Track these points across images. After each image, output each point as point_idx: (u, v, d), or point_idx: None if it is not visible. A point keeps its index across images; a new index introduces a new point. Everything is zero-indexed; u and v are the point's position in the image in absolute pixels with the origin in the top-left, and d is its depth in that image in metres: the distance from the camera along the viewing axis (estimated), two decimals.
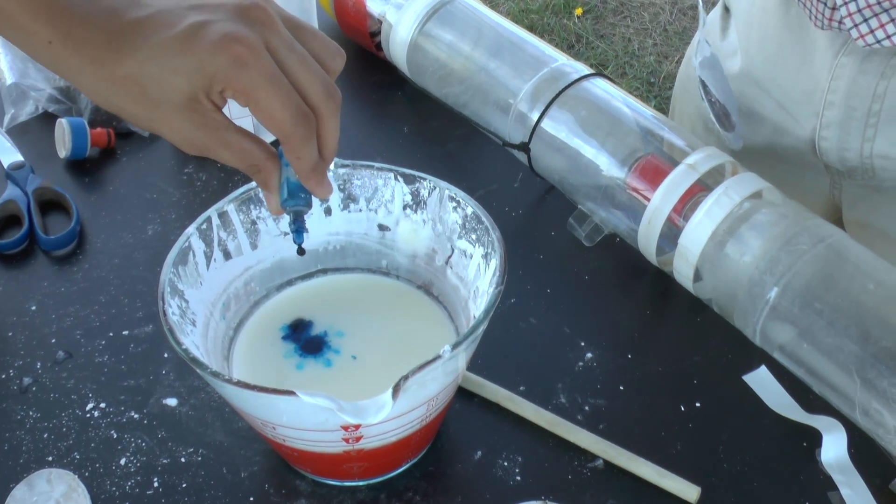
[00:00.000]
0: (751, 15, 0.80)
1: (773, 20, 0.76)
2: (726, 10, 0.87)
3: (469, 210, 0.61)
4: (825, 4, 0.68)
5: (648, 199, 0.71)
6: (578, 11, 2.65)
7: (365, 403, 0.50)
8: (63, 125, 0.85)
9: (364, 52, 0.98)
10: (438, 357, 0.51)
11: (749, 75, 0.81)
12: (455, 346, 0.51)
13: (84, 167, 0.87)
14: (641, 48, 2.54)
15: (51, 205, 0.83)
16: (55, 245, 0.78)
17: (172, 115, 0.49)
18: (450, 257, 0.63)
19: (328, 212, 0.65)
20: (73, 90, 0.90)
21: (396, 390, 0.49)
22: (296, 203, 0.54)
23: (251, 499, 0.61)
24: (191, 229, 0.60)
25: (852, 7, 0.65)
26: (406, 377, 0.49)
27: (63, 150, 0.86)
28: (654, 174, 0.72)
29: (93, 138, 0.86)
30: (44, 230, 0.79)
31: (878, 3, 0.64)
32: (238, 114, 0.79)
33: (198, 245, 0.60)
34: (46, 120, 0.90)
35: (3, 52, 0.93)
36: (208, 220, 0.61)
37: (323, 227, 0.65)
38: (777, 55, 0.76)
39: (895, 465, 0.61)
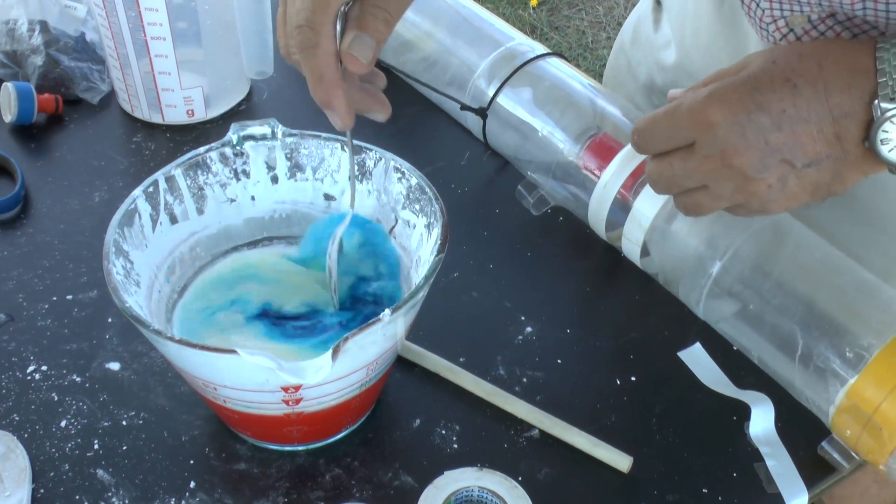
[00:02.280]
0: (685, 8, 0.81)
1: (706, 13, 0.78)
2: (657, 2, 0.88)
3: (413, 181, 0.62)
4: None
5: (599, 176, 0.72)
6: (534, 2, 2.67)
7: (304, 364, 0.51)
8: (9, 89, 0.85)
9: None
10: (378, 320, 0.52)
11: (684, 67, 0.82)
12: (395, 309, 0.52)
13: (30, 133, 0.86)
14: (595, 41, 2.57)
15: None
16: None
17: None
18: (393, 227, 0.64)
19: (275, 180, 0.65)
20: (19, 55, 0.90)
21: (336, 351, 0.50)
22: None
23: (191, 462, 0.62)
24: (137, 191, 0.60)
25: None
26: (346, 338, 0.50)
27: (8, 114, 0.85)
28: (605, 152, 0.73)
29: (40, 104, 0.86)
30: None
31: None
32: None
33: (144, 207, 0.60)
34: None
35: None
36: (155, 183, 0.61)
37: (269, 195, 0.66)
38: (711, 47, 0.78)
39: (818, 438, 0.63)
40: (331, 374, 0.51)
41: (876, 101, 0.51)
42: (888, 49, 0.51)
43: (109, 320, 0.70)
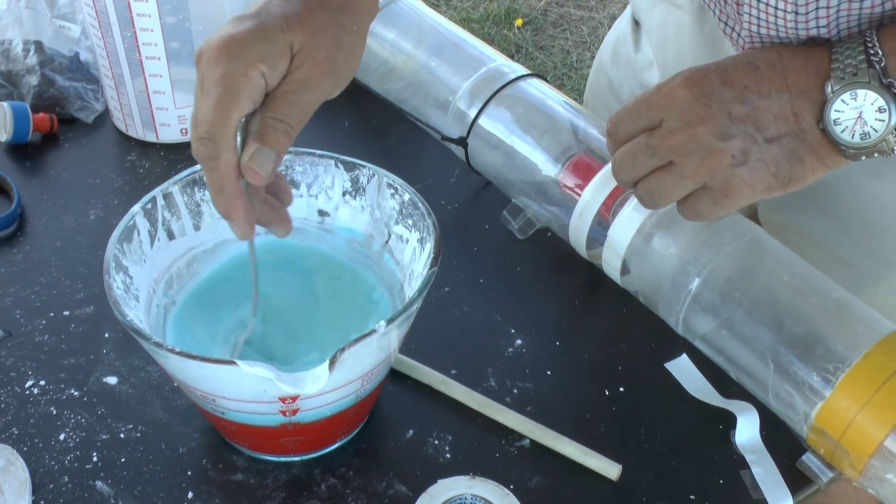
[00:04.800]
0: (665, 30, 0.83)
1: (688, 36, 0.80)
2: (636, 23, 0.90)
3: (406, 196, 0.63)
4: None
5: (580, 195, 0.74)
6: (519, 22, 2.70)
7: (302, 374, 0.52)
8: (4, 108, 0.86)
9: None
10: (374, 332, 0.53)
11: None
12: (389, 321, 0.54)
13: (25, 152, 0.87)
14: (579, 60, 2.60)
15: None
16: None
17: None
18: (387, 242, 0.65)
19: None
20: (14, 74, 0.91)
21: (333, 362, 0.51)
22: None
23: (189, 473, 0.63)
24: (136, 208, 0.61)
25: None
26: (342, 349, 0.52)
27: (4, 133, 0.87)
28: (585, 171, 0.75)
29: (35, 123, 0.87)
30: None
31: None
32: None
33: (142, 224, 0.62)
34: None
35: None
36: (153, 200, 0.62)
37: None
38: None
39: (803, 445, 0.65)
40: (327, 385, 0.53)
41: (829, 82, 0.55)
42: (843, 41, 0.56)
43: (106, 335, 0.71)
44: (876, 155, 0.55)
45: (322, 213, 0.67)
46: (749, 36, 0.64)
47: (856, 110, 0.54)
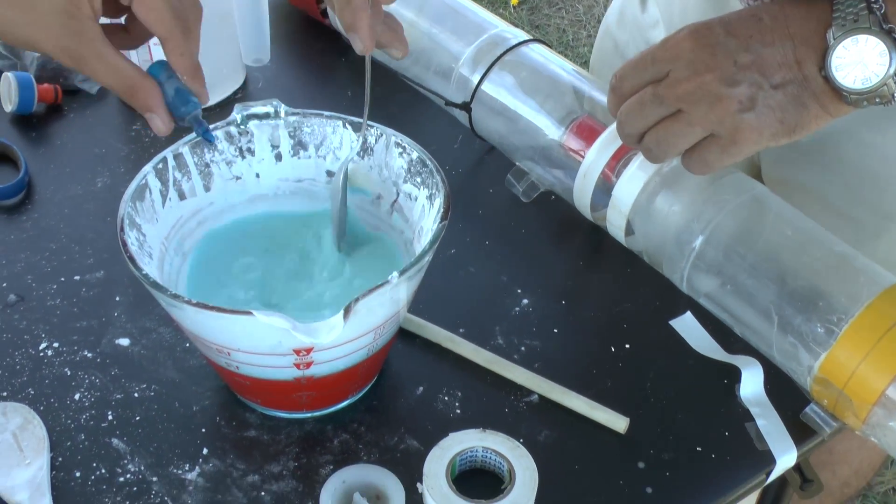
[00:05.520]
0: None
1: None
2: None
3: (414, 155, 0.64)
4: None
5: (583, 157, 0.75)
6: (514, 1, 2.70)
7: (317, 324, 0.53)
8: (9, 79, 0.86)
9: (309, 20, 1.00)
10: (386, 282, 0.54)
11: None
12: (402, 272, 0.54)
13: (31, 122, 0.88)
14: (575, 39, 2.60)
15: None
16: (3, 194, 0.79)
17: (49, 19, 0.51)
18: (395, 201, 0.66)
19: (279, 157, 0.67)
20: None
21: (347, 312, 0.52)
22: (191, 108, 0.58)
23: (203, 430, 0.64)
24: (147, 168, 0.62)
25: None
26: (357, 299, 0.52)
27: (9, 104, 0.87)
28: (588, 133, 0.76)
29: (39, 94, 0.87)
30: None
31: None
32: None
33: (154, 183, 0.62)
34: None
35: None
36: (164, 160, 0.63)
37: (273, 172, 0.68)
38: None
39: (806, 398, 0.66)
40: (341, 336, 0.54)
41: (831, 29, 0.56)
42: None
43: (117, 299, 0.72)
44: (877, 101, 0.56)
45: (330, 174, 0.68)
46: None
47: (857, 55, 0.55)
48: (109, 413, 0.64)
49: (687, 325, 0.72)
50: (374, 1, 0.58)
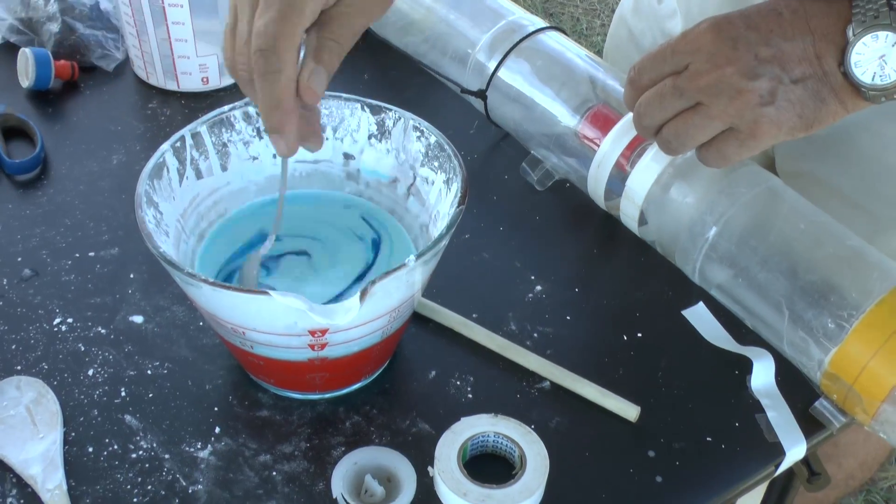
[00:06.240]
0: None
1: None
2: None
3: (432, 139, 0.64)
4: None
5: (598, 146, 0.75)
6: None
7: (334, 306, 0.53)
8: (27, 55, 0.86)
9: None
10: (403, 265, 0.54)
11: None
12: (418, 256, 0.55)
13: (47, 98, 0.88)
14: (589, 28, 2.60)
15: (14, 132, 0.84)
16: (19, 169, 0.80)
17: None
18: (412, 184, 0.66)
19: None
20: (35, 22, 0.91)
21: (364, 294, 0.52)
22: None
23: (215, 409, 0.64)
24: (165, 146, 0.62)
25: None
26: (373, 282, 0.53)
27: (26, 80, 0.87)
28: (604, 122, 0.76)
29: (56, 70, 0.88)
30: (7, 155, 0.81)
31: None
32: None
33: (171, 162, 0.62)
34: (8, 50, 0.91)
35: None
36: (182, 138, 0.63)
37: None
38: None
39: (816, 392, 0.66)
40: (357, 318, 0.54)
41: (850, 25, 0.56)
42: None
43: (132, 276, 0.72)
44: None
45: (347, 156, 0.68)
46: None
47: (877, 52, 0.55)
48: (122, 389, 0.65)
49: (699, 316, 0.72)
50: (303, 102, 0.56)
